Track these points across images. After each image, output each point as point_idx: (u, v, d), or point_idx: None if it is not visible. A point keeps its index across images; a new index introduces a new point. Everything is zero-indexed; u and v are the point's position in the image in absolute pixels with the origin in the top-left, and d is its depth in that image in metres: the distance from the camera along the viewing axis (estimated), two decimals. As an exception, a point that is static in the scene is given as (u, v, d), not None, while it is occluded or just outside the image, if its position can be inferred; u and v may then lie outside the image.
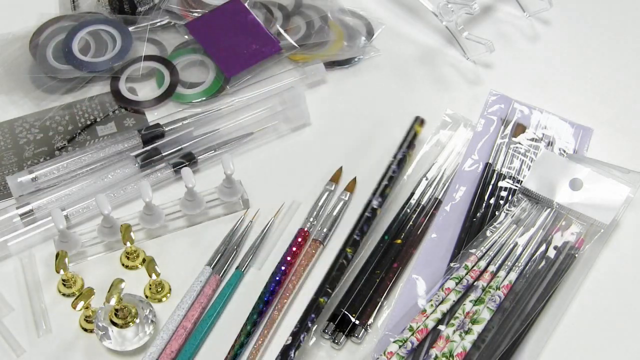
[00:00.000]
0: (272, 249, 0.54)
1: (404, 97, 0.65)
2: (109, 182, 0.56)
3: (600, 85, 0.66)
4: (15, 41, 0.66)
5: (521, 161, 0.58)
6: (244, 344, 0.49)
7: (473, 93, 0.65)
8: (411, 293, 0.51)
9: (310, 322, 0.49)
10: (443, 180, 0.57)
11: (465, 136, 0.60)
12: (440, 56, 0.68)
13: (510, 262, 0.51)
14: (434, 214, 0.55)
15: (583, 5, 0.73)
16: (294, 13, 0.69)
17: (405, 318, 0.50)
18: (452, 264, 0.52)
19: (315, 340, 0.49)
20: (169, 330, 0.49)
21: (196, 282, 0.51)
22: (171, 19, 0.68)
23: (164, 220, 0.54)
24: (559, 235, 0.53)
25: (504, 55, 0.67)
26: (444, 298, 0.50)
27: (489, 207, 0.55)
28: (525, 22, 0.71)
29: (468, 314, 0.49)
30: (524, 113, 0.61)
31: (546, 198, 0.54)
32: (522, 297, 0.50)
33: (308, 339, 0.49)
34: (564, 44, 0.69)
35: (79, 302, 0.46)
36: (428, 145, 0.60)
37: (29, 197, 0.55)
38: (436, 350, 0.47)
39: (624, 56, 0.69)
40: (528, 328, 0.49)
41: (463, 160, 0.58)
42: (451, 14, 0.66)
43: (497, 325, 0.48)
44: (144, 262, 0.52)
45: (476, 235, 0.53)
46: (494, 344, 0.48)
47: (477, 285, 0.50)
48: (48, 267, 0.53)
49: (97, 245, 0.53)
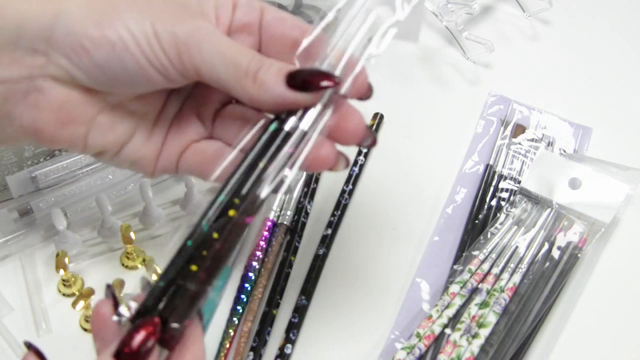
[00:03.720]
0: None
1: (404, 97, 0.65)
2: (109, 182, 0.56)
3: (600, 85, 0.66)
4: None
5: (522, 162, 0.58)
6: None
7: (473, 93, 0.65)
8: (415, 297, 0.51)
9: (267, 335, 0.49)
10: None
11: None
12: (440, 56, 0.68)
13: (514, 264, 0.51)
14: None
15: (583, 5, 0.73)
16: (294, 13, 0.69)
17: (411, 322, 0.50)
18: (455, 266, 0.52)
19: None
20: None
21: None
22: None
23: (164, 220, 0.54)
24: (562, 235, 0.53)
25: (503, 55, 0.67)
26: (450, 302, 0.49)
27: (490, 208, 0.55)
28: (525, 22, 0.71)
29: (474, 318, 0.48)
30: (523, 113, 0.61)
31: (546, 198, 0.54)
32: (528, 299, 0.50)
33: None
34: (564, 44, 0.69)
35: (79, 302, 0.46)
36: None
37: (29, 197, 0.55)
38: (444, 355, 0.47)
39: (624, 56, 0.69)
40: (536, 330, 0.49)
41: (464, 162, 0.58)
42: (451, 14, 0.66)
43: (504, 328, 0.48)
44: (144, 262, 0.52)
45: (478, 237, 0.53)
46: (502, 348, 0.48)
47: (482, 289, 0.50)
48: (48, 267, 0.53)
49: (97, 245, 0.53)
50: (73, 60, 0.34)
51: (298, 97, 0.34)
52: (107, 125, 0.37)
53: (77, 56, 0.34)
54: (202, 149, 0.39)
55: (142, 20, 0.34)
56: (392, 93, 0.65)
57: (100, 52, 0.34)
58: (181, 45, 0.34)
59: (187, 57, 0.34)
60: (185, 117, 0.39)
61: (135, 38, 0.34)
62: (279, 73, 0.34)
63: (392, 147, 0.60)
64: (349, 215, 0.56)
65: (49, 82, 0.35)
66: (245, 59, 0.34)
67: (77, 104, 0.35)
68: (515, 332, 0.48)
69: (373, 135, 0.38)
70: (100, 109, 0.36)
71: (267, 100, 0.34)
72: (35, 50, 0.34)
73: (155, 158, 0.39)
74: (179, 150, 0.39)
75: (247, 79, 0.34)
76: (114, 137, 0.37)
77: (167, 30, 0.34)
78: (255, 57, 0.35)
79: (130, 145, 0.38)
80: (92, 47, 0.33)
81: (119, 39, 0.33)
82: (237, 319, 0.50)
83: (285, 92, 0.34)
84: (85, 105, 0.36)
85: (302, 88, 0.34)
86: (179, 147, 0.39)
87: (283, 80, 0.34)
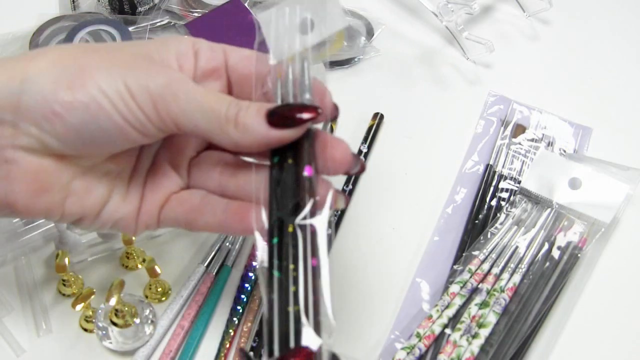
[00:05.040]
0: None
1: (404, 97, 0.65)
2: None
3: (600, 85, 0.66)
4: (15, 41, 0.66)
5: (522, 162, 0.58)
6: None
7: (473, 93, 0.65)
8: (415, 296, 0.51)
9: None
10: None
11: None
12: (440, 56, 0.68)
13: (514, 264, 0.51)
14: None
15: (583, 5, 0.73)
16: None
17: (411, 322, 0.50)
18: (455, 266, 0.52)
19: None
20: (158, 334, 0.49)
21: (188, 281, 0.52)
22: (171, 19, 0.68)
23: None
24: (562, 235, 0.53)
25: (503, 55, 0.67)
26: (450, 302, 0.49)
27: (490, 208, 0.55)
28: (525, 22, 0.71)
29: (474, 318, 0.48)
30: (523, 113, 0.61)
31: (546, 198, 0.54)
32: (528, 299, 0.50)
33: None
34: (564, 44, 0.69)
35: (79, 302, 0.46)
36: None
37: (29, 197, 0.55)
38: (444, 355, 0.47)
39: (624, 56, 0.69)
40: (536, 330, 0.49)
41: (464, 162, 0.58)
42: (451, 14, 0.66)
43: (504, 328, 0.48)
44: (144, 262, 0.52)
45: (478, 237, 0.53)
46: (502, 348, 0.47)
47: (482, 289, 0.50)
48: (48, 267, 0.53)
49: (97, 245, 0.53)
50: (44, 127, 0.33)
51: (282, 134, 0.34)
52: (83, 190, 0.36)
53: (48, 123, 0.33)
54: (185, 198, 0.39)
55: (113, 78, 0.33)
56: (392, 93, 0.65)
57: (74, 115, 0.33)
58: (157, 98, 0.33)
59: (164, 110, 0.33)
60: (159, 169, 0.39)
61: (109, 97, 0.33)
62: (258, 113, 0.34)
63: (392, 147, 0.61)
64: (349, 215, 0.56)
65: (20, 152, 0.34)
66: (223, 106, 0.34)
67: (51, 172, 0.35)
68: (515, 332, 0.48)
69: (361, 162, 0.38)
70: (74, 175, 0.36)
71: (252, 143, 0.34)
72: (2, 121, 0.33)
73: (135, 215, 0.38)
74: (158, 203, 0.38)
75: (229, 125, 0.34)
76: (92, 201, 0.37)
77: (141, 85, 0.33)
78: (232, 101, 0.34)
79: (109, 206, 0.37)
80: (64, 111, 0.33)
81: (92, 100, 0.33)
82: (237, 319, 0.50)
83: (269, 131, 0.34)
84: (59, 172, 0.35)
85: (284, 125, 0.34)
86: (159, 201, 0.38)
87: (264, 120, 0.34)
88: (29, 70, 0.33)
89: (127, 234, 0.39)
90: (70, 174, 0.35)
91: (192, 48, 0.37)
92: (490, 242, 0.52)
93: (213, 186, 0.39)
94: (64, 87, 0.33)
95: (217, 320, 0.51)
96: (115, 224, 0.38)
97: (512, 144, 0.59)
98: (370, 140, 0.60)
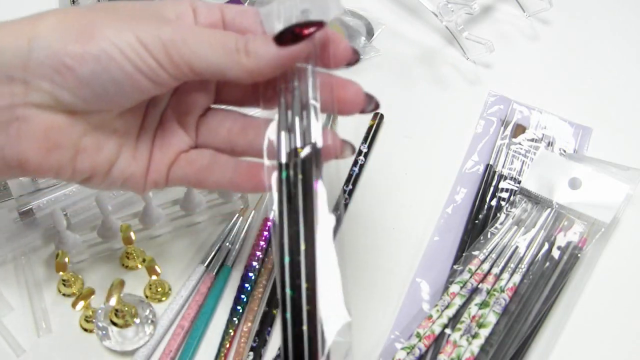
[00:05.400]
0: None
1: (404, 97, 0.65)
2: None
3: (600, 85, 0.66)
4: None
5: (522, 162, 0.58)
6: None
7: (473, 93, 0.65)
8: (415, 296, 0.51)
9: (267, 335, 0.49)
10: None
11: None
12: (440, 56, 0.68)
13: (514, 264, 0.51)
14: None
15: (583, 5, 0.73)
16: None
17: (411, 322, 0.50)
18: (455, 266, 0.52)
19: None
20: (158, 334, 0.49)
21: (188, 281, 0.52)
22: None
23: (164, 220, 0.54)
24: (562, 235, 0.53)
25: (503, 55, 0.67)
26: (450, 302, 0.49)
27: (490, 208, 0.55)
28: (525, 22, 0.71)
29: (474, 318, 0.48)
30: (523, 113, 0.61)
31: (546, 198, 0.54)
32: (528, 299, 0.50)
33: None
34: (564, 44, 0.69)
35: (79, 302, 0.46)
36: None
37: (29, 197, 0.55)
38: (444, 355, 0.47)
39: (624, 56, 0.69)
40: (536, 330, 0.49)
41: (464, 162, 0.58)
42: (451, 14, 0.66)
43: (504, 328, 0.48)
44: (144, 262, 0.52)
45: (478, 237, 0.53)
46: (502, 348, 0.48)
47: (482, 289, 0.50)
48: (48, 267, 0.53)
49: (97, 245, 0.53)
50: (56, 81, 0.33)
51: (293, 50, 0.35)
52: (93, 147, 0.36)
53: (60, 76, 0.33)
54: (194, 158, 0.39)
55: (122, 31, 0.34)
56: (392, 93, 0.65)
57: (85, 67, 0.33)
58: (168, 44, 0.34)
59: (176, 55, 0.34)
60: (167, 128, 0.39)
61: (120, 48, 0.33)
62: (266, 39, 0.35)
63: (392, 147, 0.61)
64: (349, 215, 0.56)
65: (31, 109, 0.34)
66: (231, 40, 0.35)
67: (62, 129, 0.35)
68: (515, 332, 0.48)
69: (374, 99, 0.39)
70: (84, 131, 0.36)
71: (265, 67, 0.35)
72: (12, 79, 0.33)
73: (144, 173, 0.39)
74: (167, 162, 0.39)
75: (241, 55, 0.35)
76: (102, 158, 0.37)
77: (151, 35, 0.34)
78: (239, 36, 0.36)
79: (119, 164, 0.38)
80: (75, 64, 0.33)
81: (103, 52, 0.33)
82: (237, 319, 0.50)
83: (280, 50, 0.35)
84: (69, 128, 0.35)
85: (292, 41, 0.35)
86: (167, 159, 0.39)
87: (273, 42, 0.35)
88: (36, 28, 0.34)
89: (137, 192, 0.39)
90: (81, 131, 0.36)
91: (190, 6, 0.38)
92: (490, 242, 0.52)
93: (222, 144, 0.40)
94: (72, 41, 0.33)
95: (217, 320, 0.51)
96: (125, 181, 0.38)
97: (512, 144, 0.59)
98: (370, 140, 0.60)
